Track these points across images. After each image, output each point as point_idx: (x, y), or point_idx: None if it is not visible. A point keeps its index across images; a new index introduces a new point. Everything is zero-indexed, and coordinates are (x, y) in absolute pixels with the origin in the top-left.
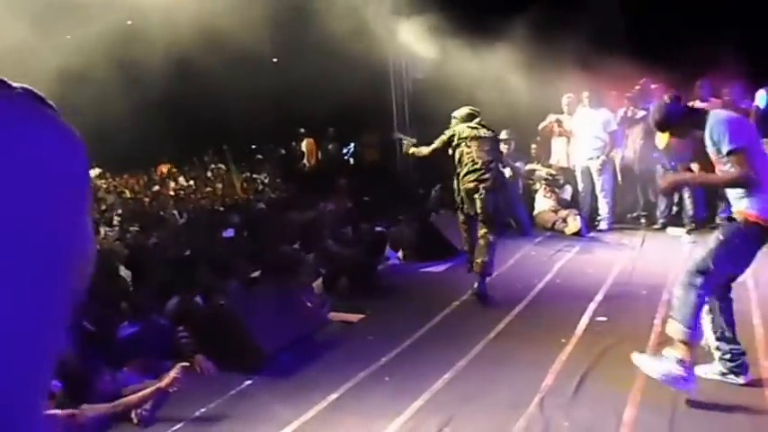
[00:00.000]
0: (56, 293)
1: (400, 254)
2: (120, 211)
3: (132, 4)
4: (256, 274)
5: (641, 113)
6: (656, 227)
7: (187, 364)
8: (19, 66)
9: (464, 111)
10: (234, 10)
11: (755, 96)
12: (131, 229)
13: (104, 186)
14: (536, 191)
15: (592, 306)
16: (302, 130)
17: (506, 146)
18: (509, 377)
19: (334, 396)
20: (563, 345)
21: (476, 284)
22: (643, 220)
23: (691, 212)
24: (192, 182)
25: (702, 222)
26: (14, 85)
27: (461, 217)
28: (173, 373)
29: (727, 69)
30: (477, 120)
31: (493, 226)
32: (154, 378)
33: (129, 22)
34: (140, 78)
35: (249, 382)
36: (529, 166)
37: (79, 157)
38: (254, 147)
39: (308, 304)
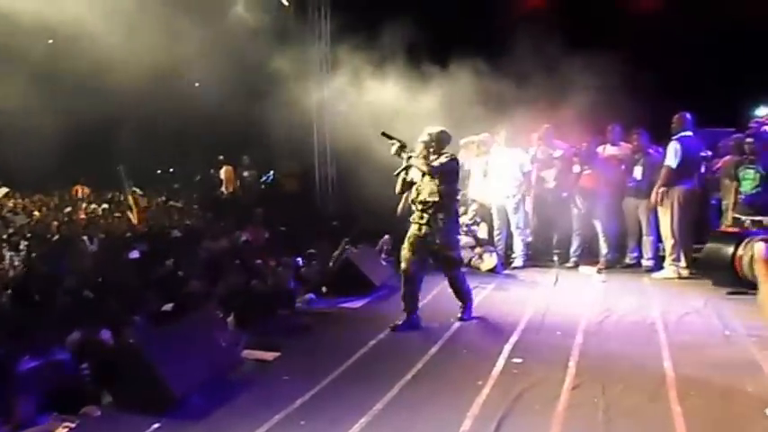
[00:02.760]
0: None
1: (317, 289)
2: (28, 234)
3: (56, 23)
4: (167, 307)
5: (558, 152)
6: (568, 265)
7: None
8: None
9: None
10: (157, 36)
11: (672, 151)
12: (37, 254)
13: (12, 206)
14: None
15: (507, 347)
16: (221, 158)
17: None
18: (427, 422)
19: None
20: (480, 387)
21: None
22: (556, 258)
23: (604, 251)
24: (106, 205)
25: (613, 262)
26: None
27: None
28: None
29: (638, 115)
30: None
31: None
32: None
33: (51, 41)
34: (61, 97)
35: (157, 425)
36: None
37: None
38: (171, 170)
39: (221, 342)
